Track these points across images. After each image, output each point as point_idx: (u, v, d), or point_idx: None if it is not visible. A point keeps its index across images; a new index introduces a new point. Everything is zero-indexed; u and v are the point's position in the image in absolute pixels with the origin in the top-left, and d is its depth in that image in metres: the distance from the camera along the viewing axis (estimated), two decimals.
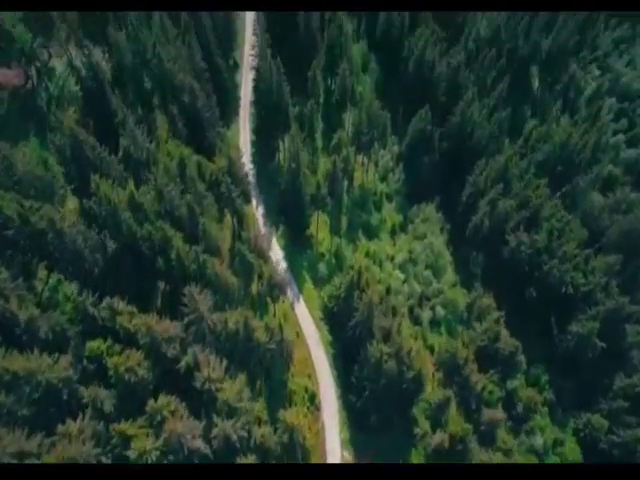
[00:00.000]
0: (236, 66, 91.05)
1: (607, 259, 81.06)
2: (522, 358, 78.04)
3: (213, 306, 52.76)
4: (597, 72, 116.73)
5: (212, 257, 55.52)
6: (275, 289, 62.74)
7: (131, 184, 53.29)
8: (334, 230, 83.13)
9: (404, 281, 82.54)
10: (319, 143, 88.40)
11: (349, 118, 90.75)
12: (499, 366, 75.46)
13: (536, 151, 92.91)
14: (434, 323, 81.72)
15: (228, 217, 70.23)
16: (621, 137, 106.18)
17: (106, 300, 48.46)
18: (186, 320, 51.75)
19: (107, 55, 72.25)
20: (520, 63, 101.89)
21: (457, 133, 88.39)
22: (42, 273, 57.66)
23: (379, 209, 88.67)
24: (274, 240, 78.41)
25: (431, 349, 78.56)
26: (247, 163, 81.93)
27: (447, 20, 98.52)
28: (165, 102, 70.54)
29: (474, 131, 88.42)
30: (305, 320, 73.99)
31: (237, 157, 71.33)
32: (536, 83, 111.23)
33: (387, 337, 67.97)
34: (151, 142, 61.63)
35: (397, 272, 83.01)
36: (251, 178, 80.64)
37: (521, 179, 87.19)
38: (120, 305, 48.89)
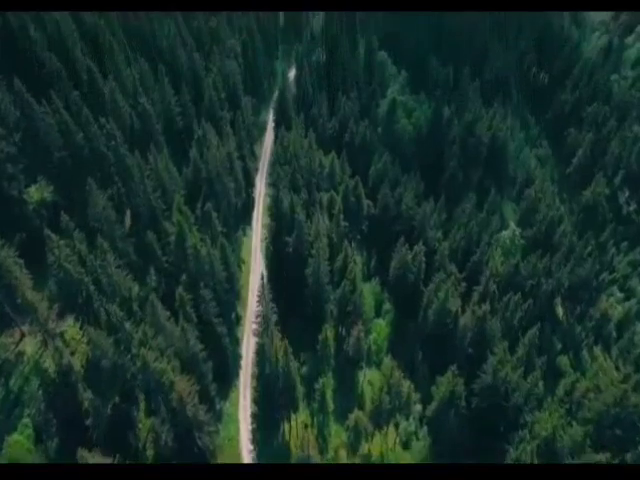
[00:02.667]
0: (238, 319, 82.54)
1: None
2: None
3: None
4: (620, 294, 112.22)
5: None
6: None
7: None
8: None
9: None
10: (330, 407, 75.75)
11: (363, 376, 79.79)
12: None
13: (583, 408, 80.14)
14: None
15: None
16: None
17: None
18: None
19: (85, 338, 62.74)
20: (545, 299, 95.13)
21: (490, 393, 76.54)
22: None
23: None
24: None
25: None
26: (247, 444, 68.71)
27: (462, 258, 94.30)
28: (148, 399, 60.11)
29: (509, 391, 76.96)
30: None
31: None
32: (560, 312, 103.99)
33: None
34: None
35: None
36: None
37: (576, 454, 72.64)
38: None
